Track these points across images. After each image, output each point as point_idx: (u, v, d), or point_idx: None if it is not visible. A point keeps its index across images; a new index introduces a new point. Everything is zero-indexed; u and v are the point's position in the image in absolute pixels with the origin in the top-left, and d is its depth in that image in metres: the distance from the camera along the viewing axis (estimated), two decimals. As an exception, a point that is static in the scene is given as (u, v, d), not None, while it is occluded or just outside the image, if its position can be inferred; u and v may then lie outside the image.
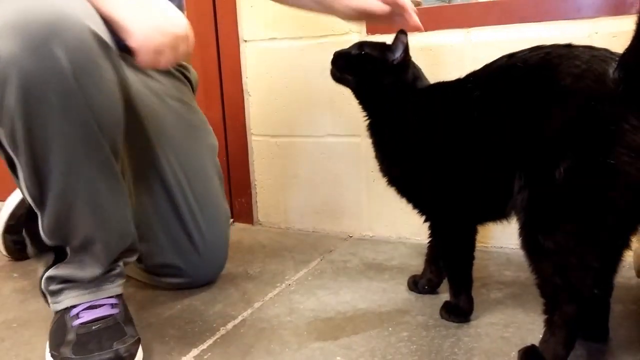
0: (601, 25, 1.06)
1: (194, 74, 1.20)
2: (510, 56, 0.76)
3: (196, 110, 1.13)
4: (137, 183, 1.01)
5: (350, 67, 0.92)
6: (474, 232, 0.88)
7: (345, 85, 0.94)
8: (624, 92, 0.63)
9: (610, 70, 0.64)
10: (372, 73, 0.90)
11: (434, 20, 1.19)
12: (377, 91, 0.91)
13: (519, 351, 0.73)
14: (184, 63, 1.16)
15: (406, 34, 0.88)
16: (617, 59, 0.66)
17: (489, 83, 0.78)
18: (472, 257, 0.88)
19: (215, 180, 1.11)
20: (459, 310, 0.88)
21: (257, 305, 0.99)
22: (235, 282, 1.11)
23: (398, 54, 0.88)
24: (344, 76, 0.93)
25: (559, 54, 0.70)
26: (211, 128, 1.15)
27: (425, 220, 0.92)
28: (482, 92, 0.77)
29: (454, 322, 0.88)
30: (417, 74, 0.91)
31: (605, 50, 0.68)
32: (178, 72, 1.13)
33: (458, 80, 0.85)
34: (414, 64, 0.92)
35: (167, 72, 1.09)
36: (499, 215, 0.83)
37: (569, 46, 0.71)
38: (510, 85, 0.74)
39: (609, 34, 1.04)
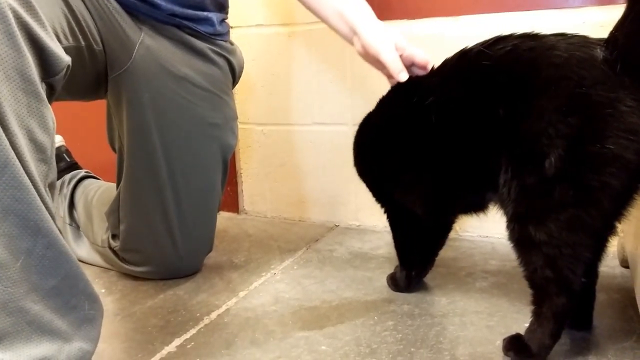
0: (589, 15, 1.05)
1: (239, 59, 1.12)
2: (479, 52, 0.73)
3: (223, 105, 1.06)
4: (128, 167, 0.99)
5: None
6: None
7: None
8: (619, 73, 0.61)
9: (599, 54, 0.63)
10: None
11: (419, 8, 1.18)
12: None
13: (504, 340, 0.73)
14: (230, 46, 1.09)
15: None
16: (598, 42, 0.64)
17: (454, 83, 0.76)
18: (433, 243, 0.94)
19: (217, 183, 1.07)
20: (395, 282, 0.96)
21: (241, 294, 0.98)
22: (219, 271, 1.10)
23: None
24: None
25: (529, 46, 0.68)
26: (235, 125, 1.10)
27: (385, 211, 0.95)
28: (446, 95, 0.76)
29: (392, 290, 0.96)
30: None
31: (579, 35, 0.67)
32: (220, 58, 1.05)
33: (417, 80, 0.85)
34: None
35: (205, 57, 1.02)
36: (479, 208, 0.83)
37: (535, 36, 0.69)
38: (483, 84, 0.72)
39: (596, 24, 1.04)
